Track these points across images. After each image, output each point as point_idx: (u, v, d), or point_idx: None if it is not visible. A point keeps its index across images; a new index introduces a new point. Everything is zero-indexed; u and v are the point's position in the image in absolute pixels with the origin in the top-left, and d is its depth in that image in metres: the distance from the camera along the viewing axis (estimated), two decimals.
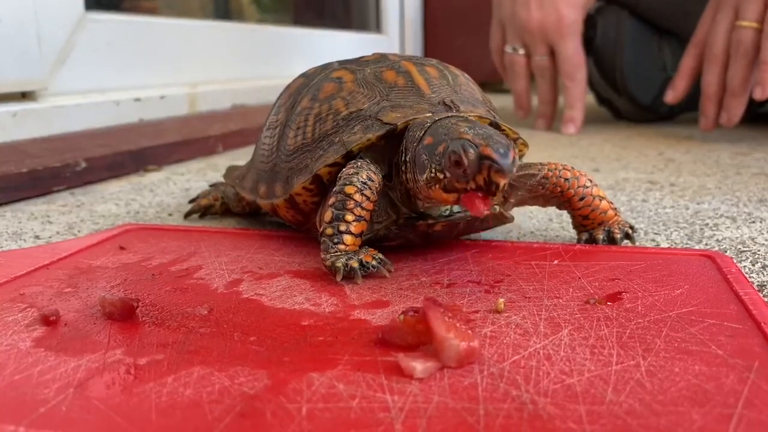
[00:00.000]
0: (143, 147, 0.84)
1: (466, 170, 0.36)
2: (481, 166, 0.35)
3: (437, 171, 0.38)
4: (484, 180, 0.35)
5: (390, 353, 0.30)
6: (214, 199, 0.60)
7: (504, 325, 0.33)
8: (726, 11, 0.95)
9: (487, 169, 0.35)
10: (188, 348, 0.31)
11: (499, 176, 0.35)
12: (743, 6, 0.92)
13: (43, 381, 0.28)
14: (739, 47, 0.93)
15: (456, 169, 0.36)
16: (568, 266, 0.42)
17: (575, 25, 1.12)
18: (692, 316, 0.33)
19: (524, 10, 1.12)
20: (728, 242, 0.50)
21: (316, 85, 0.48)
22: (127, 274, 0.42)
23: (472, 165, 0.36)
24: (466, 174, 0.36)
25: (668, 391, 0.26)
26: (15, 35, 0.81)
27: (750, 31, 0.91)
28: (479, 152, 0.35)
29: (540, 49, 1.14)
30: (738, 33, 0.92)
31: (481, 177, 0.36)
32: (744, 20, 0.91)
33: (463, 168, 0.36)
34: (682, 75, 1.04)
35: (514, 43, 1.17)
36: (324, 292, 0.38)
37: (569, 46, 1.12)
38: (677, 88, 1.05)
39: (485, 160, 0.35)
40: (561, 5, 1.10)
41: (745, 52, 0.92)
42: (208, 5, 1.50)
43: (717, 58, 0.96)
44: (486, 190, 0.36)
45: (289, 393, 0.26)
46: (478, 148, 0.36)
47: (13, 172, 0.67)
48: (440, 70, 0.48)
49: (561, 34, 1.11)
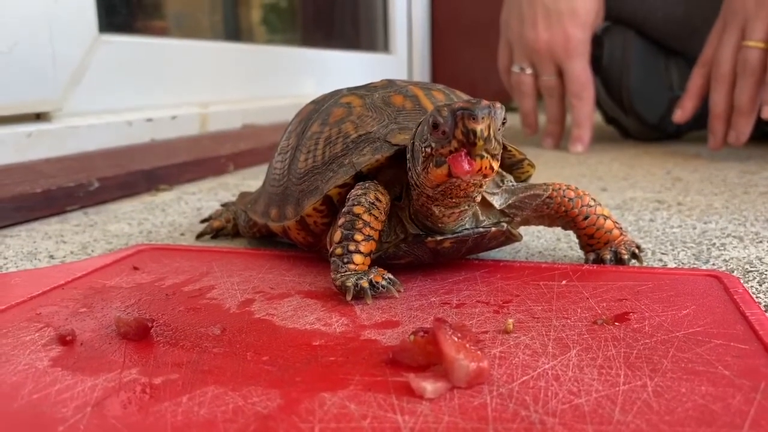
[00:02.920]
0: (155, 166, 0.86)
1: (445, 129, 0.37)
2: (455, 118, 0.36)
3: (425, 148, 0.38)
4: (462, 132, 0.36)
5: (400, 373, 0.30)
6: (226, 221, 0.60)
7: (513, 346, 0.33)
8: (733, 31, 0.96)
9: (461, 119, 0.36)
10: (202, 367, 0.31)
11: (473, 122, 0.35)
12: (750, 26, 0.93)
13: (61, 400, 0.28)
14: (746, 67, 0.93)
15: (437, 134, 0.37)
16: (576, 286, 0.42)
17: (583, 45, 1.14)
18: (699, 337, 0.33)
19: (532, 31, 1.13)
20: (735, 262, 0.50)
21: (326, 111, 0.49)
22: (141, 294, 0.43)
23: (447, 120, 0.36)
24: (446, 133, 0.37)
25: (675, 412, 0.26)
26: (30, 57, 0.83)
27: (757, 51, 0.92)
28: (452, 108, 0.36)
29: (547, 68, 1.15)
30: (745, 53, 0.93)
31: (459, 130, 0.36)
32: (751, 40, 0.92)
33: (441, 128, 0.37)
34: (690, 94, 1.05)
35: (522, 63, 1.18)
36: (335, 312, 0.39)
37: (577, 66, 1.13)
38: (685, 107, 1.06)
39: (458, 111, 0.36)
40: (568, 25, 1.12)
41: (752, 71, 0.93)
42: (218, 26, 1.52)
43: (724, 78, 0.97)
44: (466, 142, 0.36)
45: (301, 413, 0.27)
46: (450, 105, 0.37)
47: (28, 192, 0.68)
48: (447, 95, 0.49)
49: (568, 54, 1.12)
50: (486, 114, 0.36)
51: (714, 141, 1.01)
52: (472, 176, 0.37)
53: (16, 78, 0.81)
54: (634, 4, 1.18)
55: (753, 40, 0.92)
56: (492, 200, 0.45)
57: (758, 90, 0.93)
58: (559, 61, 1.13)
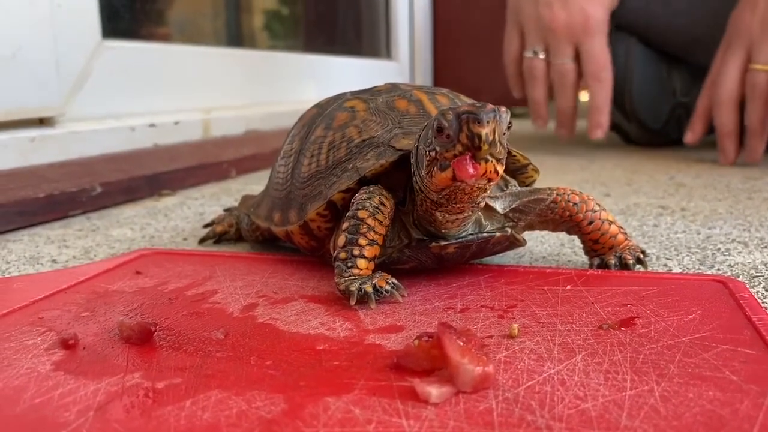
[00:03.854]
0: (158, 172, 0.86)
1: (449, 133, 0.36)
2: (460, 121, 0.36)
3: (430, 152, 0.38)
4: (467, 135, 0.36)
5: (405, 378, 0.30)
6: (228, 226, 0.60)
7: (518, 351, 0.33)
8: (737, 53, 0.96)
9: (465, 122, 0.35)
10: (205, 372, 0.31)
11: (477, 126, 0.35)
12: (756, 48, 0.93)
13: (64, 404, 0.28)
14: (754, 90, 0.94)
15: (441, 138, 0.37)
16: (580, 291, 0.42)
17: (602, 23, 1.09)
18: (706, 342, 0.33)
19: (548, 10, 1.09)
20: (740, 267, 0.50)
21: (329, 115, 0.49)
22: (144, 299, 0.42)
23: (452, 124, 0.36)
24: (450, 137, 0.36)
25: (683, 417, 0.26)
26: (34, 62, 0.83)
27: (764, 74, 0.92)
28: (457, 111, 0.36)
29: (564, 50, 1.10)
30: (753, 76, 0.94)
31: (463, 134, 0.36)
32: (758, 63, 0.93)
33: (446, 132, 0.36)
34: (699, 116, 1.05)
35: (536, 46, 1.12)
36: (338, 317, 0.39)
37: (596, 44, 1.08)
38: (695, 129, 1.06)
39: (463, 115, 0.36)
40: (586, 4, 1.08)
41: (761, 94, 0.93)
42: (221, 32, 1.52)
43: (728, 101, 0.98)
44: (471, 146, 0.36)
45: (305, 417, 0.27)
46: (455, 109, 0.36)
47: (31, 197, 0.68)
48: (451, 99, 0.49)
49: (587, 32, 1.08)
50: (491, 118, 0.35)
51: (724, 158, 1.02)
52: (476, 180, 0.37)
53: (19, 83, 0.81)
54: (637, 11, 1.18)
55: (760, 63, 0.93)
56: (495, 204, 0.45)
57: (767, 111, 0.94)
58: (578, 40, 1.09)
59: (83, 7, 0.92)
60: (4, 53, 0.79)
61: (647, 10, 1.17)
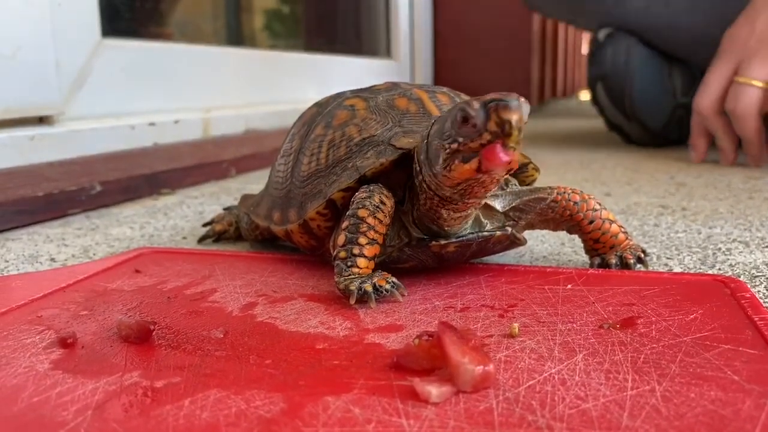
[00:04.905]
0: (157, 171, 0.86)
1: (476, 122, 0.36)
2: (488, 110, 0.35)
3: (451, 143, 0.37)
4: (496, 123, 0.35)
5: (405, 377, 0.30)
6: (228, 225, 0.60)
7: (518, 350, 0.33)
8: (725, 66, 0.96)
9: (495, 110, 0.35)
10: (204, 371, 0.31)
11: (508, 112, 0.35)
12: (747, 64, 0.93)
13: (62, 403, 0.28)
14: (737, 103, 0.93)
15: (466, 127, 0.36)
16: (581, 291, 0.42)
17: None
18: (707, 342, 0.33)
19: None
20: (741, 267, 0.50)
21: (329, 113, 0.49)
22: (143, 297, 0.42)
23: (479, 113, 0.35)
24: (477, 126, 0.36)
25: (684, 417, 0.26)
26: (33, 61, 0.83)
27: (756, 90, 0.92)
28: (482, 100, 0.36)
29: None
30: (735, 88, 0.93)
31: (492, 122, 0.35)
32: (753, 79, 0.92)
33: (472, 122, 0.36)
34: (696, 134, 1.05)
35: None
36: (338, 316, 0.38)
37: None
38: (697, 148, 1.06)
39: (490, 103, 0.35)
40: None
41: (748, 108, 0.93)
42: (221, 31, 1.52)
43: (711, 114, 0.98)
44: (501, 133, 0.35)
45: (305, 417, 0.27)
46: (480, 98, 0.36)
47: (30, 196, 0.68)
48: (451, 98, 0.49)
49: None
50: (518, 105, 0.35)
51: (725, 160, 1.03)
52: (503, 169, 0.36)
53: (19, 82, 0.81)
54: (638, 12, 1.18)
55: (755, 79, 0.92)
56: (494, 203, 0.45)
57: (760, 121, 0.94)
58: None
59: (83, 6, 0.91)
60: (4, 52, 0.79)
61: (648, 11, 1.17)
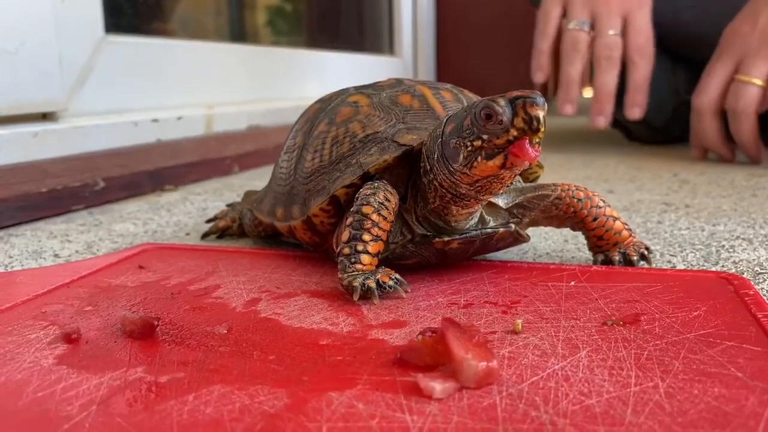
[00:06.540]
0: (160, 167, 0.86)
1: (502, 119, 0.36)
2: (515, 106, 0.35)
3: (473, 141, 0.37)
4: (524, 119, 0.35)
5: (408, 373, 0.30)
6: (231, 221, 0.60)
7: (522, 346, 0.33)
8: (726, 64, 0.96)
9: (522, 106, 0.35)
10: (208, 366, 0.31)
11: (535, 108, 0.35)
12: (749, 61, 0.93)
13: (66, 398, 0.28)
14: (738, 101, 0.94)
15: (491, 125, 0.36)
16: (584, 287, 0.42)
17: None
18: (710, 338, 0.33)
19: None
20: (745, 264, 0.49)
21: (333, 110, 0.49)
22: (147, 293, 0.42)
23: (505, 110, 0.36)
24: (503, 123, 0.36)
25: (688, 413, 0.26)
26: (37, 57, 0.83)
27: (755, 88, 0.92)
28: (507, 97, 0.36)
29: (614, 21, 1.05)
30: (736, 87, 0.94)
31: (519, 118, 0.35)
32: (745, 75, 0.92)
33: (498, 118, 0.36)
34: (696, 132, 1.05)
35: (583, 17, 1.06)
36: (341, 312, 0.38)
37: (645, 17, 1.05)
38: (698, 146, 1.06)
39: (517, 100, 0.35)
40: None
41: (747, 107, 0.93)
42: (224, 28, 1.52)
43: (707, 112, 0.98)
44: (529, 129, 0.35)
45: (308, 412, 0.27)
46: (505, 96, 0.36)
47: (33, 192, 0.68)
48: (455, 94, 0.49)
49: (640, 4, 1.04)
50: (544, 102, 0.36)
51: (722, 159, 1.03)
52: (530, 164, 0.37)
53: (22, 78, 0.81)
54: None
55: (748, 76, 0.92)
56: (498, 200, 0.45)
57: (756, 122, 0.94)
58: (628, 11, 1.04)
59: (86, 2, 0.92)
60: (7, 48, 0.79)
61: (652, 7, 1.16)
